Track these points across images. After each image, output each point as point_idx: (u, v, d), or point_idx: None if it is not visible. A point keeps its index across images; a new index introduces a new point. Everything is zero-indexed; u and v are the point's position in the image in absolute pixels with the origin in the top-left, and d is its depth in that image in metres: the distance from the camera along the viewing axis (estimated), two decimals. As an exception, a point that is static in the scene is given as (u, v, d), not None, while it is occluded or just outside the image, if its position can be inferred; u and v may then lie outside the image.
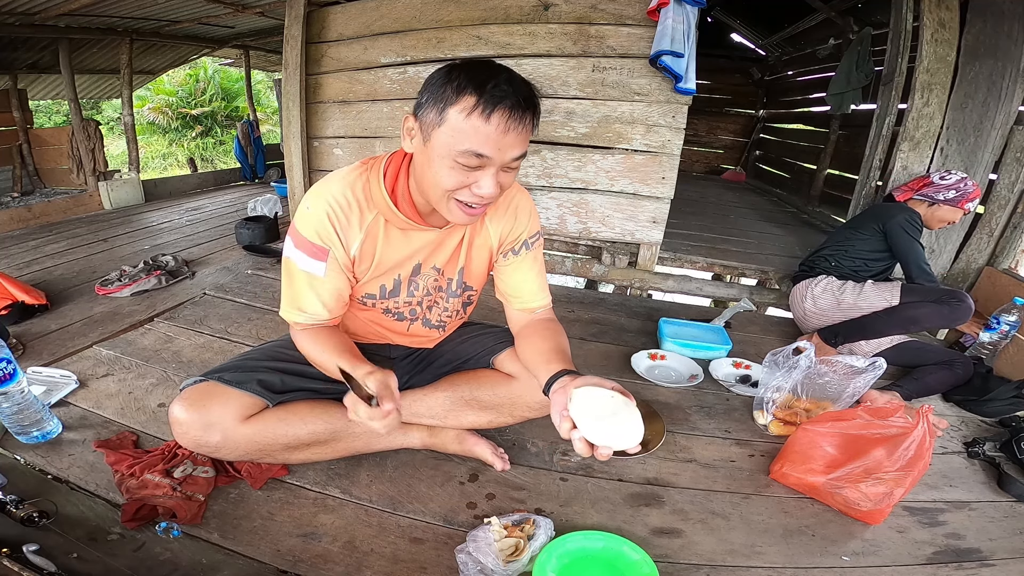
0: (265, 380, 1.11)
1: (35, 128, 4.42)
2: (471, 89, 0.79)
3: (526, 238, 1.14)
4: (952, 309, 1.79)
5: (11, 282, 1.96)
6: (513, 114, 0.81)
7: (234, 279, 2.47)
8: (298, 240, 1.00)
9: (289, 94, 2.83)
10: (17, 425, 1.21)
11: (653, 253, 2.71)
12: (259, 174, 5.96)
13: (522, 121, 0.83)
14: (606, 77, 2.44)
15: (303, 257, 1.00)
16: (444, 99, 0.81)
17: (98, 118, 8.07)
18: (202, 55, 5.89)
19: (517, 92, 0.81)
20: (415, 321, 1.21)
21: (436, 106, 0.82)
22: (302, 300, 1.03)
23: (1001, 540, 1.19)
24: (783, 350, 1.53)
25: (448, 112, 0.81)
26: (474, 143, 0.81)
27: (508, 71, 0.84)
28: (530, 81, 0.87)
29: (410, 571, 1.00)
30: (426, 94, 0.85)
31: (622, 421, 0.79)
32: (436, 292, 1.17)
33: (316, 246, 0.99)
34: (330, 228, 0.98)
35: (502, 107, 0.80)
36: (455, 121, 0.81)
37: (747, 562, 1.09)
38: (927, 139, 2.39)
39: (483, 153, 0.82)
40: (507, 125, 0.81)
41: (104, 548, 0.97)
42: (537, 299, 1.17)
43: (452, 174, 0.85)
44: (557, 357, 0.99)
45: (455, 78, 0.81)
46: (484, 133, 0.80)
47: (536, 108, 0.86)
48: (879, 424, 1.21)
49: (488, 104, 0.79)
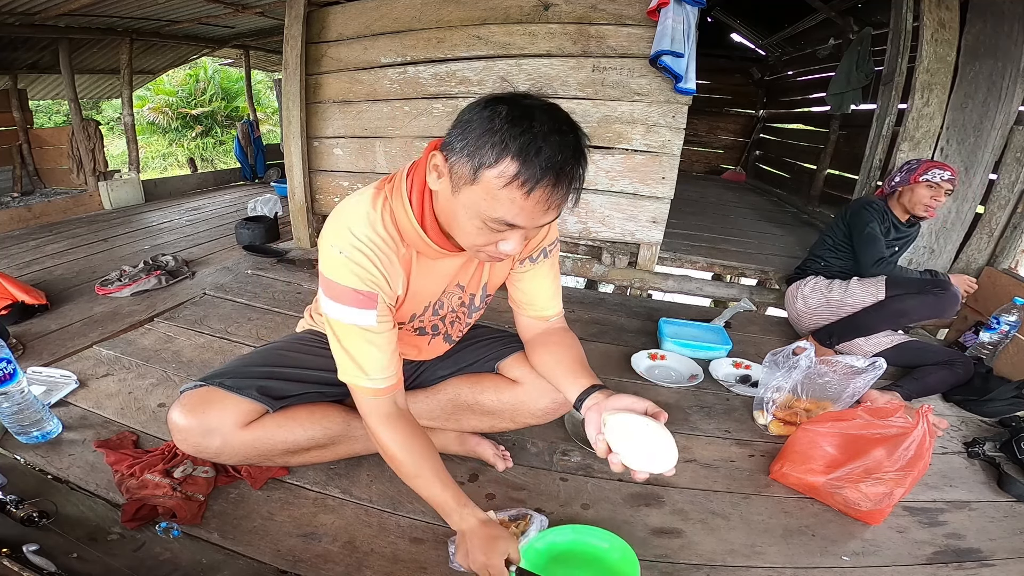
0: (264, 386, 1.09)
1: (35, 128, 4.43)
2: (512, 154, 0.71)
3: (545, 246, 1.09)
4: (937, 298, 1.79)
5: (11, 282, 1.96)
6: (556, 190, 0.74)
7: (234, 279, 2.47)
8: (337, 292, 0.88)
9: (289, 94, 2.83)
10: (17, 425, 1.21)
11: (653, 253, 2.71)
12: (259, 174, 5.96)
13: (565, 196, 0.77)
14: (606, 77, 2.44)
15: (349, 311, 0.88)
16: (481, 156, 0.73)
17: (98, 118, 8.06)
18: (202, 55, 5.89)
19: (565, 161, 0.73)
20: (436, 336, 1.18)
21: (471, 161, 0.74)
22: (363, 360, 0.91)
23: (1001, 540, 1.19)
24: (783, 350, 1.53)
25: (484, 174, 0.73)
26: (508, 214, 0.75)
27: (558, 128, 0.73)
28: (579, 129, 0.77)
29: (410, 571, 1.00)
30: (461, 139, 0.76)
31: (658, 446, 0.82)
32: (460, 308, 1.14)
33: (362, 294, 0.87)
34: (375, 271, 0.87)
35: (545, 183, 0.72)
36: (491, 186, 0.73)
37: (747, 562, 1.09)
38: (927, 139, 2.39)
39: (515, 224, 0.77)
40: (548, 202, 0.75)
41: (104, 548, 0.97)
42: (551, 307, 1.15)
43: (480, 234, 0.80)
44: (583, 371, 1.00)
45: (496, 131, 0.72)
46: (520, 206, 0.74)
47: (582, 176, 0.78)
48: (879, 424, 1.21)
49: (531, 178, 0.71)
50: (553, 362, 1.06)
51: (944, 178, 1.90)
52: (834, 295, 2.01)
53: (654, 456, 0.81)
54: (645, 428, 0.83)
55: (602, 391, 0.93)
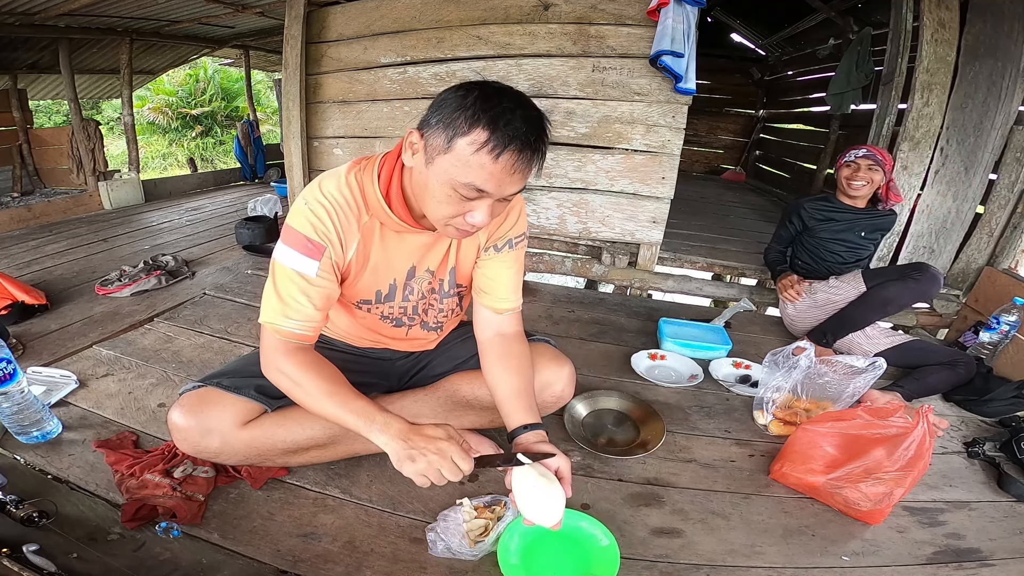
0: (263, 385, 1.09)
1: (35, 128, 4.42)
2: (484, 123, 0.78)
3: (511, 237, 1.12)
4: (917, 283, 1.82)
5: (11, 282, 1.96)
6: (522, 156, 0.81)
7: (234, 279, 2.47)
8: (290, 237, 0.95)
9: (289, 94, 2.83)
10: (17, 425, 1.21)
11: (653, 253, 2.71)
12: (259, 174, 5.96)
13: (529, 163, 0.83)
14: (606, 77, 2.44)
15: (294, 255, 0.94)
16: (455, 127, 0.80)
17: (98, 118, 8.07)
18: (202, 55, 5.89)
19: (529, 132, 0.80)
20: (413, 325, 1.20)
21: (445, 132, 0.81)
22: (289, 303, 0.95)
23: (1001, 540, 1.19)
24: (783, 350, 1.53)
25: (457, 142, 0.80)
26: (478, 179, 0.81)
27: (523, 105, 0.82)
28: (543, 116, 0.85)
29: (410, 571, 1.00)
30: (437, 115, 0.83)
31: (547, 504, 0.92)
32: (430, 295, 1.17)
33: (311, 242, 0.94)
34: (330, 225, 0.95)
35: (512, 148, 0.79)
36: (463, 153, 0.80)
37: (747, 562, 1.08)
38: (927, 139, 2.39)
39: (484, 189, 0.82)
40: (514, 167, 0.81)
41: (104, 548, 0.97)
42: (508, 300, 1.15)
43: (450, 202, 0.85)
44: (525, 403, 1.05)
45: (469, 106, 0.79)
46: (489, 171, 0.80)
47: (544, 150, 0.85)
48: (879, 424, 1.21)
49: (499, 144, 0.78)
50: (501, 384, 1.09)
51: (859, 155, 1.97)
52: (818, 295, 2.04)
53: (541, 512, 0.92)
54: (541, 486, 0.92)
55: (535, 432, 1.02)
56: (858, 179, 1.98)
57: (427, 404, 1.26)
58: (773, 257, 2.28)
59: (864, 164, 1.96)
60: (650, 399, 1.65)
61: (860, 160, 1.97)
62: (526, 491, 0.92)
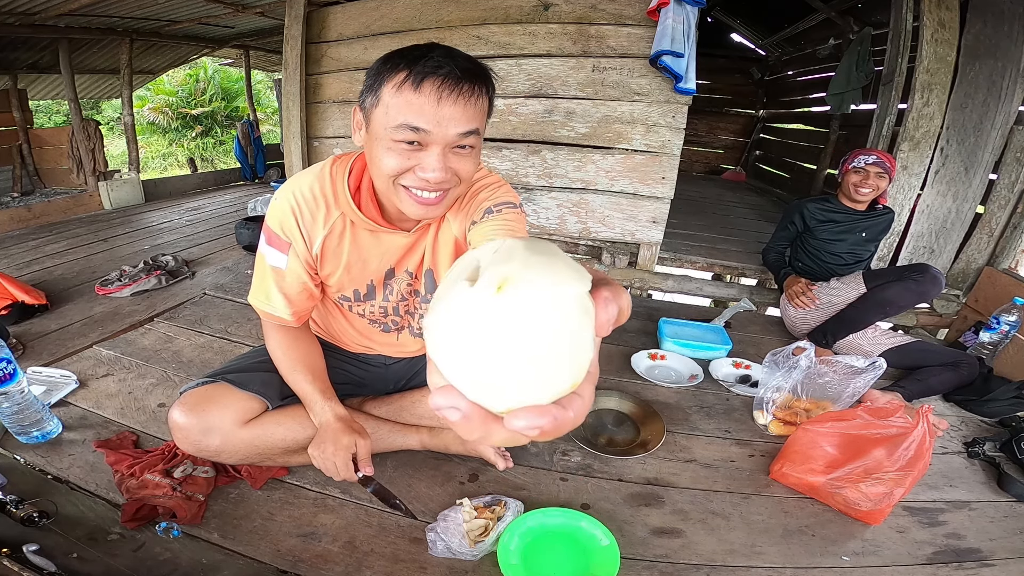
0: (264, 382, 1.11)
1: (35, 128, 4.42)
2: (403, 64, 0.78)
3: (490, 206, 0.94)
4: (918, 284, 1.82)
5: (11, 282, 1.96)
6: (447, 82, 0.76)
7: (234, 279, 2.47)
8: (267, 233, 1.00)
9: (289, 94, 2.83)
10: (17, 425, 1.21)
11: (653, 253, 2.71)
12: (259, 174, 5.96)
13: (457, 89, 0.77)
14: (606, 77, 2.44)
15: (268, 249, 1.00)
16: (379, 79, 0.80)
17: (98, 118, 8.07)
18: (202, 55, 5.89)
19: (454, 63, 0.77)
20: (401, 331, 1.20)
21: (373, 89, 0.81)
22: (270, 293, 1.04)
23: (1001, 540, 1.19)
24: (783, 350, 1.54)
25: (382, 90, 0.79)
26: (407, 116, 0.77)
27: (449, 49, 0.80)
28: (478, 61, 0.82)
29: (410, 571, 1.00)
30: (367, 81, 0.83)
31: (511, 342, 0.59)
32: (411, 297, 1.13)
33: (279, 239, 0.98)
34: (292, 221, 0.97)
35: (433, 76, 0.76)
36: (387, 97, 0.79)
37: (747, 562, 1.08)
38: (927, 139, 2.39)
39: (418, 126, 0.77)
40: (439, 93, 0.76)
41: (104, 548, 0.97)
42: None
43: (391, 155, 0.81)
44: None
45: (391, 58, 0.80)
46: (416, 105, 0.77)
47: (478, 78, 0.80)
48: (879, 424, 1.21)
49: (418, 75, 0.76)
50: None
51: (869, 162, 1.95)
52: (819, 296, 2.05)
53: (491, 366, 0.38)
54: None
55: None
56: (866, 186, 1.97)
57: (426, 408, 1.25)
58: (773, 258, 2.28)
59: (873, 171, 1.95)
60: (650, 399, 1.65)
61: (870, 167, 1.95)
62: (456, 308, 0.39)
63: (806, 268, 2.18)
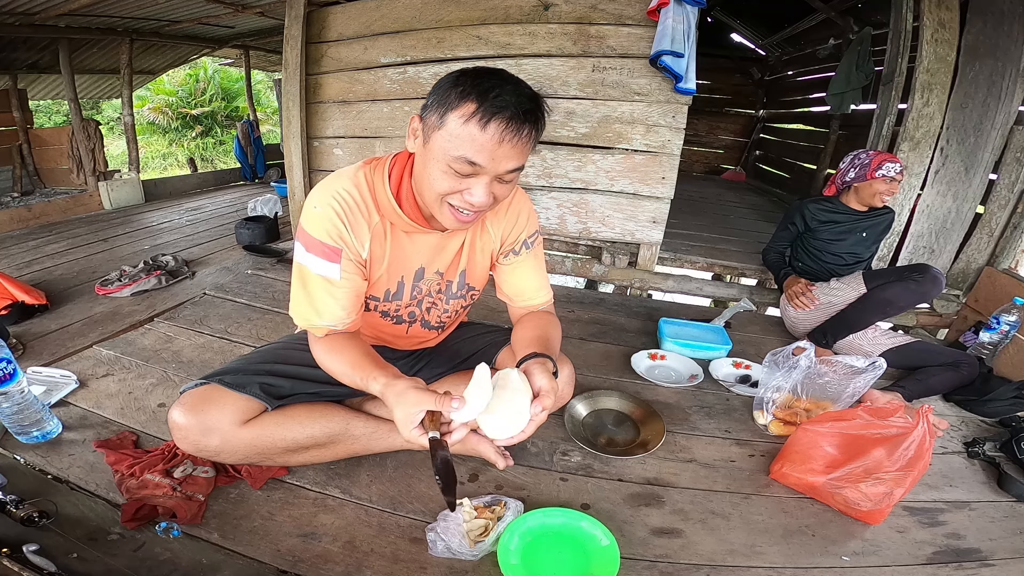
0: (264, 383, 1.11)
1: (35, 128, 4.42)
2: (473, 96, 0.80)
3: (525, 238, 1.14)
4: (918, 284, 1.82)
5: (11, 282, 1.96)
6: (510, 126, 0.80)
7: (234, 279, 2.47)
8: (309, 242, 0.96)
9: (289, 94, 2.83)
10: (17, 425, 1.21)
11: (653, 253, 2.71)
12: (259, 174, 5.96)
13: (519, 133, 0.82)
14: (606, 77, 2.44)
15: (316, 260, 0.96)
16: (447, 103, 0.81)
17: (98, 118, 8.06)
18: (202, 55, 5.89)
19: (519, 104, 0.81)
20: (414, 323, 1.21)
21: (439, 109, 0.83)
22: (320, 306, 0.99)
23: (1001, 540, 1.19)
24: (783, 350, 1.53)
25: (448, 116, 0.81)
26: (468, 151, 0.81)
27: (517, 82, 0.84)
28: (539, 95, 0.85)
29: (410, 571, 1.00)
30: (433, 96, 0.85)
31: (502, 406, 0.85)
32: (437, 295, 1.17)
33: (328, 247, 0.96)
34: (341, 226, 0.96)
35: (500, 117, 0.79)
36: (453, 126, 0.81)
37: (747, 562, 1.08)
38: (927, 139, 2.39)
39: (476, 161, 0.82)
40: (502, 136, 0.80)
41: (104, 548, 0.97)
42: (539, 296, 1.19)
43: (445, 178, 0.85)
44: (537, 343, 1.01)
45: (461, 83, 0.81)
46: (479, 142, 0.80)
47: (538, 122, 0.85)
48: (879, 424, 1.21)
49: (487, 113, 0.79)
50: (518, 338, 1.10)
51: (897, 171, 1.92)
52: (819, 296, 2.04)
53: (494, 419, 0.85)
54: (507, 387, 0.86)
55: (537, 359, 0.94)
56: (891, 194, 1.95)
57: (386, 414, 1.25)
58: (773, 258, 2.28)
59: (899, 179, 1.94)
60: (650, 399, 1.65)
61: (898, 175, 1.92)
62: (483, 387, 0.85)
63: (806, 268, 2.18)
